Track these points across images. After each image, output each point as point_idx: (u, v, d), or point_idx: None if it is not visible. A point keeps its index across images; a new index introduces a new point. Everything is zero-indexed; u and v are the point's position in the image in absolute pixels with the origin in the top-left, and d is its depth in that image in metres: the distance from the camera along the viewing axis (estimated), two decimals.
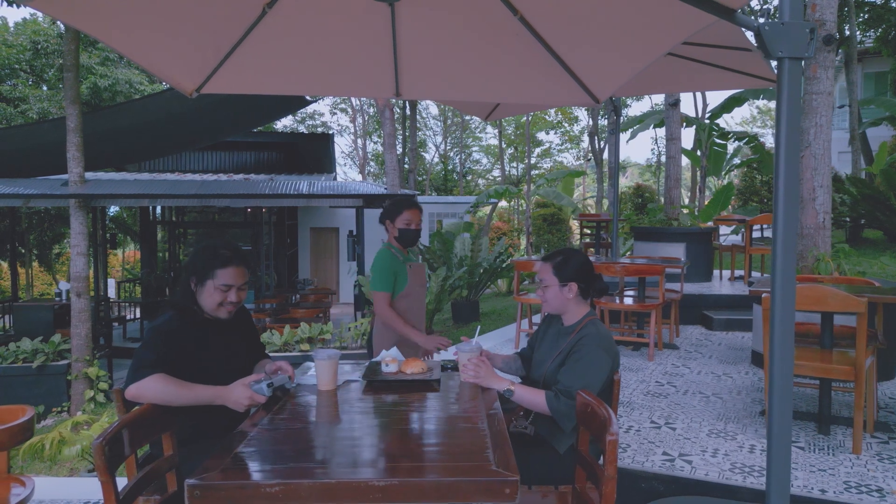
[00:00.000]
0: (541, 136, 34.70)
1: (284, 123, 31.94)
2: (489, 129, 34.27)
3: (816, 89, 4.52)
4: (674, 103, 8.35)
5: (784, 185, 1.96)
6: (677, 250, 7.52)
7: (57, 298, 8.87)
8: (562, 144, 35.95)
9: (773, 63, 2.84)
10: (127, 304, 15.49)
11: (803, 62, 2.29)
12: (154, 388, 1.85)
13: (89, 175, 8.95)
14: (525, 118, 25.27)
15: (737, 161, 16.33)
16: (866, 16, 20.91)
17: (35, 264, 26.13)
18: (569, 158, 38.00)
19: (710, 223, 8.73)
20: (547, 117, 32.11)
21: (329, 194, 8.20)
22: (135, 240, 26.98)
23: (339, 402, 2.05)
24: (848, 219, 10.48)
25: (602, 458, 1.71)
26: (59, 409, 7.62)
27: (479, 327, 3.20)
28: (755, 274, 8.00)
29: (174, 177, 12.08)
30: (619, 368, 2.27)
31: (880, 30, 19.41)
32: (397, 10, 2.83)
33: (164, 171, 13.68)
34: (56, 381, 7.35)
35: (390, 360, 2.27)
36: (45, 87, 22.92)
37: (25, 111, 20.06)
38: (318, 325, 7.87)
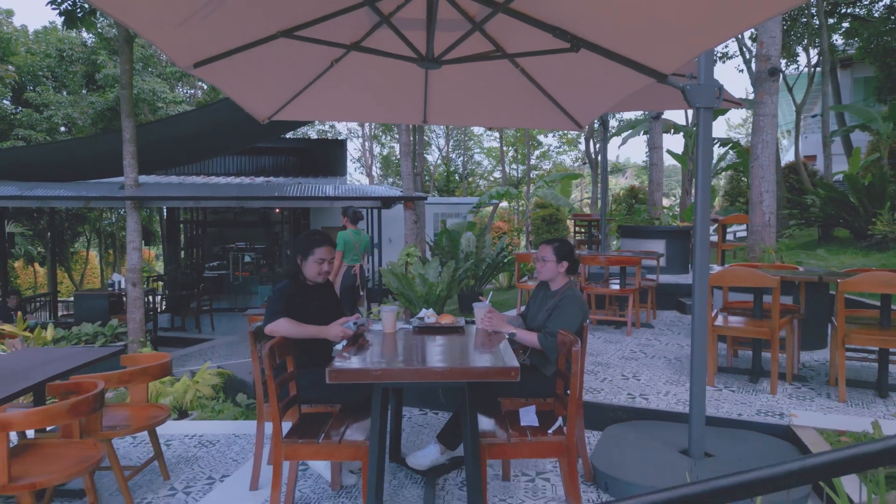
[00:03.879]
0: (540, 137, 35.67)
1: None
2: (490, 132, 35.22)
3: (763, 112, 5.46)
4: (656, 116, 9.29)
5: (700, 203, 2.96)
6: (658, 246, 8.48)
7: (110, 288, 9.83)
8: (560, 147, 36.90)
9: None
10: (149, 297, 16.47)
11: (761, 89, 3.24)
12: (283, 326, 2.81)
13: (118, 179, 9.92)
14: None
15: (724, 164, 17.28)
16: (847, 25, 21.86)
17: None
18: (567, 160, 38.93)
19: (687, 223, 9.69)
20: None
21: (352, 196, 9.14)
22: (149, 239, 27.92)
23: (398, 338, 3.01)
24: (820, 219, 11.41)
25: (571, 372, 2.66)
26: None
27: (490, 293, 4.16)
28: (716, 266, 8.95)
29: (200, 180, 13.03)
30: (587, 321, 3.23)
31: (861, 40, 20.27)
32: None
33: (189, 175, 14.64)
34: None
35: (430, 314, 3.23)
36: (64, 93, 23.76)
37: (50, 117, 20.93)
38: None
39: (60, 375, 3.09)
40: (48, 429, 3.53)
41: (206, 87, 25.97)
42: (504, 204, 29.73)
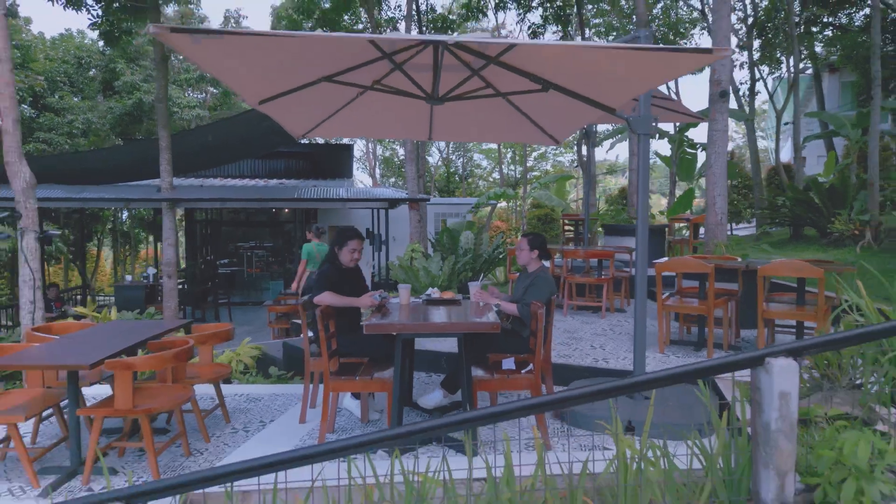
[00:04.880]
0: None
1: None
2: None
3: (715, 128, 6.41)
4: None
5: (641, 208, 3.96)
6: (633, 243, 9.42)
7: (144, 280, 10.79)
8: (557, 149, 37.84)
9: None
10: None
11: (713, 116, 4.17)
12: (327, 297, 3.77)
13: (152, 182, 10.89)
14: None
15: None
16: (830, 34, 22.76)
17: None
18: (566, 160, 39.91)
19: (663, 221, 10.63)
20: None
21: (362, 198, 10.10)
22: (158, 238, 28.85)
23: (412, 308, 3.97)
24: (789, 219, 12.36)
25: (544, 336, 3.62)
26: None
27: (482, 277, 5.12)
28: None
29: (219, 182, 13.98)
30: (554, 296, 4.18)
31: (842, 47, 21.12)
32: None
33: (207, 177, 15.60)
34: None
35: (435, 291, 4.19)
36: (76, 98, 24.59)
37: (72, 122, 21.87)
38: None
39: (156, 336, 4.05)
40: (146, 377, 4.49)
41: (215, 91, 26.89)
42: (503, 204, 30.75)
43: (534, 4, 13.97)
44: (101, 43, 23.79)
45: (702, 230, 9.24)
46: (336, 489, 2.62)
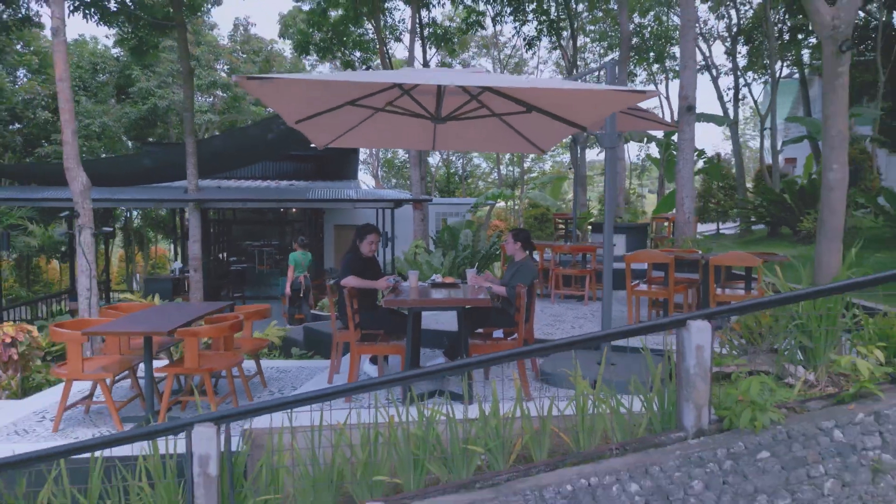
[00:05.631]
0: None
1: None
2: None
3: (683, 137, 7.27)
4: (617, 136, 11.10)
5: (608, 209, 4.85)
6: (619, 239, 10.28)
7: (172, 273, 11.63)
8: (554, 149, 38.69)
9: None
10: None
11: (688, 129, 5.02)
12: (351, 280, 4.62)
13: (176, 184, 11.75)
14: None
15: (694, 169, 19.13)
16: (815, 41, 23.58)
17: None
18: (564, 161, 40.76)
19: (643, 220, 11.50)
20: None
21: (371, 199, 10.97)
22: (169, 236, 29.71)
23: (420, 289, 4.83)
24: (765, 218, 13.21)
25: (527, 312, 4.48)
26: None
27: (476, 265, 5.98)
28: None
29: (233, 183, 14.83)
30: (536, 280, 5.03)
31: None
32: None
33: (220, 178, 16.45)
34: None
35: (438, 277, 5.05)
36: (85, 101, 25.31)
37: (88, 125, 22.71)
38: None
39: (210, 312, 4.91)
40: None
41: (224, 94, 27.74)
42: (501, 204, 31.63)
43: (528, 18, 14.83)
44: (115, 50, 24.60)
45: None
46: (366, 426, 3.47)
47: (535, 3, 14.54)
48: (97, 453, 3.32)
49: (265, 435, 3.52)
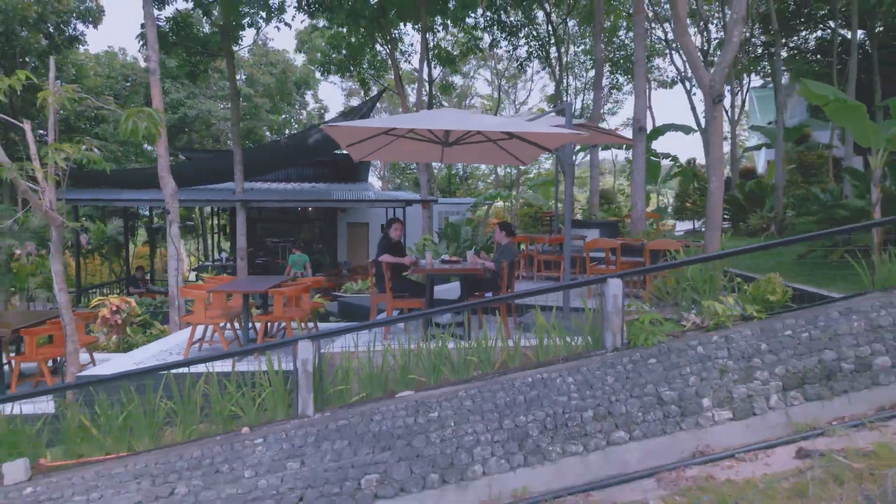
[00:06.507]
0: None
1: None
2: None
3: (637, 153, 9.14)
4: (594, 146, 12.96)
5: (567, 210, 6.82)
6: (594, 233, 12.18)
7: (219, 261, 13.53)
8: (548, 156, 40.56)
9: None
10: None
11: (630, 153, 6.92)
12: (387, 257, 6.50)
13: (221, 186, 13.64)
14: None
15: (671, 172, 21.05)
16: (785, 54, 25.42)
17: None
18: (552, 169, 42.62)
19: (616, 217, 13.41)
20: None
21: (385, 199, 12.86)
22: (191, 233, 31.60)
23: (434, 264, 6.74)
24: (727, 216, 15.09)
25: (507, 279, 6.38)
26: None
27: (473, 248, 7.89)
28: None
29: (263, 185, 16.74)
30: (516, 257, 6.92)
31: (795, 65, 23.68)
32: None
33: (255, 181, 18.33)
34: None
35: (447, 256, 6.94)
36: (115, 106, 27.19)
37: (115, 129, 24.65)
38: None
39: (278, 283, 6.82)
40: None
41: (244, 104, 29.62)
42: (499, 203, 33.54)
43: (520, 44, 16.70)
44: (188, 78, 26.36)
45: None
46: (386, 353, 5.38)
47: (526, 29, 16.47)
48: (236, 359, 5.23)
49: (335, 355, 5.43)
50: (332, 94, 78.26)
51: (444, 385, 5.20)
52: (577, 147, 14.74)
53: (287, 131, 30.30)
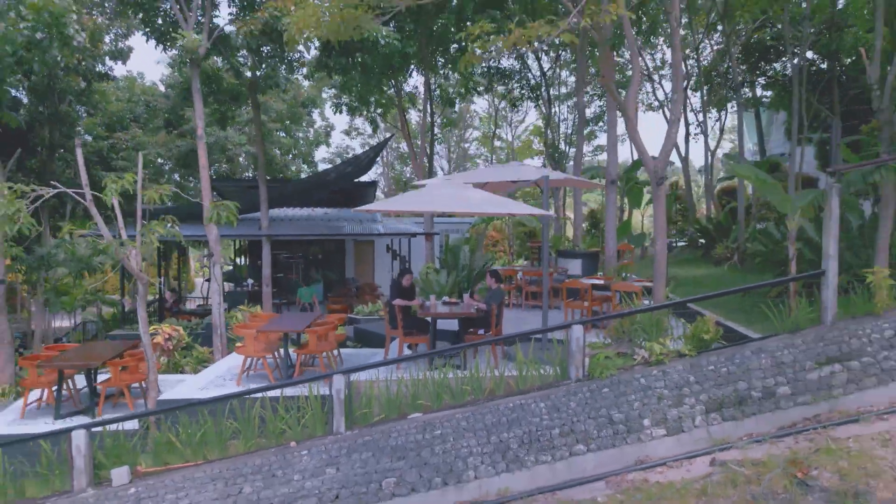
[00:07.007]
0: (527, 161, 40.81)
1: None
2: (487, 157, 40.37)
3: (609, 201, 10.63)
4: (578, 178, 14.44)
5: (543, 243, 8.36)
6: (576, 263, 13.65)
7: (245, 287, 15.02)
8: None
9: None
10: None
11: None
12: (398, 301, 7.98)
13: (246, 216, 15.15)
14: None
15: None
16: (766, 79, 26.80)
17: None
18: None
19: (596, 248, 14.92)
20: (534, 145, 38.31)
21: (393, 233, 14.33)
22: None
23: (437, 306, 8.22)
24: (694, 243, 16.57)
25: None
26: None
27: (470, 291, 9.36)
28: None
29: (280, 211, 18.25)
30: (504, 299, 8.40)
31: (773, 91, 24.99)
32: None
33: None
34: None
35: (447, 298, 8.42)
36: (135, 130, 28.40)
37: (145, 156, 25.98)
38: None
39: (315, 319, 8.29)
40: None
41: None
42: (496, 221, 35.09)
43: (513, 87, 18.18)
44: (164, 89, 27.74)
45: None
46: (400, 383, 6.84)
47: (518, 75, 18.04)
48: (284, 391, 6.71)
49: (361, 383, 6.90)
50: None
51: (444, 409, 6.68)
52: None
53: (293, 151, 31.66)
